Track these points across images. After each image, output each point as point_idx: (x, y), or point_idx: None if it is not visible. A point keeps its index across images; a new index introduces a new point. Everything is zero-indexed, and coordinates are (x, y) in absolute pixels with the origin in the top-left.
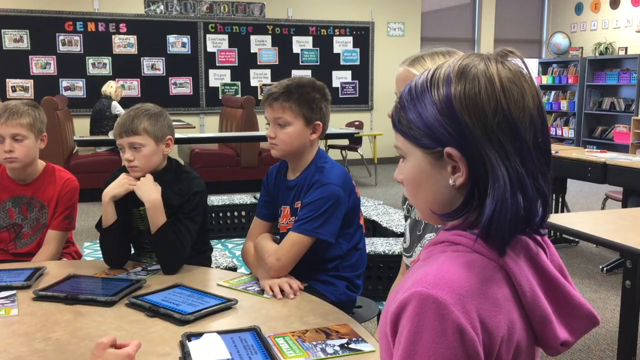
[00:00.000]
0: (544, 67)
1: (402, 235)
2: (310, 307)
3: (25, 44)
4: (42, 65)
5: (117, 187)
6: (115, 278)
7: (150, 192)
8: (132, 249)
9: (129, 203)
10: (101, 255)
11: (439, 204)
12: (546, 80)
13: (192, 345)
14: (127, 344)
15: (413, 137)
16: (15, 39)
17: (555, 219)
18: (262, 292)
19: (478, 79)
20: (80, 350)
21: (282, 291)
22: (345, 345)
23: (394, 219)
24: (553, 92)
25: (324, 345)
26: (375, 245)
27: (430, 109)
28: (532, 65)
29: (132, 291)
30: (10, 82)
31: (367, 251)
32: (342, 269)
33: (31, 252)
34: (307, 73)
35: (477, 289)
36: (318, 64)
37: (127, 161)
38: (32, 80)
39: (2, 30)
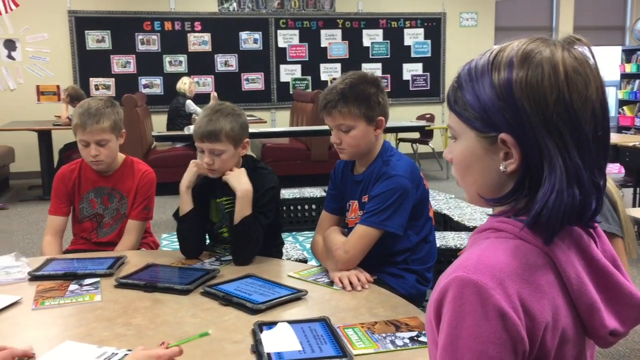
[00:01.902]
0: (628, 54)
1: (474, 229)
2: (379, 300)
3: (107, 44)
4: (122, 64)
5: (189, 174)
6: (191, 268)
7: (244, 182)
8: (207, 240)
9: (210, 195)
10: (177, 246)
11: (487, 189)
12: (630, 68)
13: (264, 334)
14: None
15: (467, 118)
16: (97, 40)
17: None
18: (331, 283)
19: (542, 66)
20: (159, 335)
21: (351, 283)
22: (415, 338)
23: (466, 213)
24: (637, 81)
25: (393, 338)
26: (447, 239)
27: (489, 92)
28: (615, 53)
29: (206, 280)
30: (93, 81)
31: (438, 245)
32: (411, 262)
33: (112, 242)
34: (378, 66)
35: (519, 273)
36: (388, 56)
37: (206, 164)
38: (113, 79)
39: (86, 32)
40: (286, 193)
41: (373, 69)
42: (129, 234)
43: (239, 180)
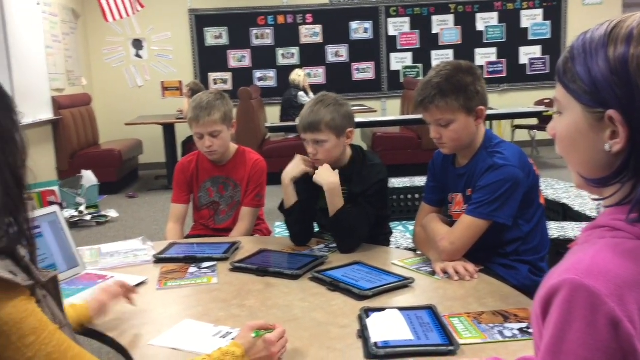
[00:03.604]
0: None
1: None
2: (489, 290)
3: (224, 40)
4: (238, 58)
5: (294, 168)
6: (301, 254)
7: (328, 176)
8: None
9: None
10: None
11: (590, 168)
12: None
13: (370, 320)
14: (272, 327)
15: (575, 92)
16: (215, 36)
17: None
18: (433, 273)
19: None
20: (269, 317)
21: (457, 272)
22: (525, 329)
23: (587, 202)
24: None
25: (501, 328)
26: (566, 230)
27: (602, 66)
28: None
29: (315, 266)
30: (212, 76)
31: (556, 236)
32: (522, 253)
33: (228, 228)
34: (492, 51)
35: (638, 280)
36: (504, 40)
37: (311, 154)
38: (230, 73)
39: (205, 29)
40: (396, 182)
41: (487, 53)
42: (242, 221)
43: (323, 176)
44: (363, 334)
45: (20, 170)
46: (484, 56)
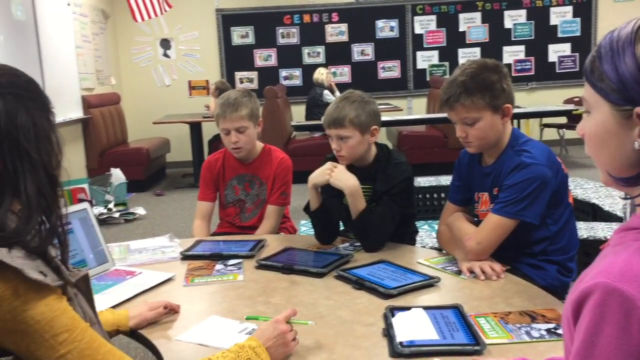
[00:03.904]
0: None
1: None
2: (516, 290)
3: (250, 39)
4: (264, 57)
5: (319, 176)
6: (326, 252)
7: (347, 179)
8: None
9: None
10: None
11: (619, 167)
12: None
13: (395, 319)
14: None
15: (603, 90)
16: (242, 35)
17: None
18: (459, 272)
19: None
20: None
21: (484, 272)
22: (553, 330)
23: (618, 202)
24: None
25: (528, 329)
26: (596, 230)
27: (629, 63)
28: None
29: (340, 264)
30: (238, 75)
31: (585, 236)
32: (550, 253)
33: (253, 225)
34: (520, 48)
35: None
36: (532, 38)
37: (334, 150)
38: (256, 72)
39: (231, 28)
40: (422, 181)
41: (515, 51)
42: (268, 219)
43: (342, 179)
44: (388, 332)
45: (55, 170)
46: (512, 54)
